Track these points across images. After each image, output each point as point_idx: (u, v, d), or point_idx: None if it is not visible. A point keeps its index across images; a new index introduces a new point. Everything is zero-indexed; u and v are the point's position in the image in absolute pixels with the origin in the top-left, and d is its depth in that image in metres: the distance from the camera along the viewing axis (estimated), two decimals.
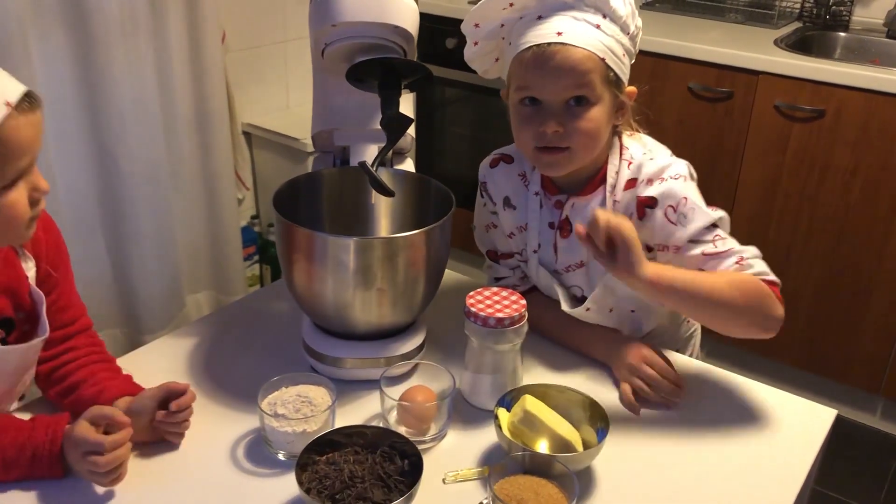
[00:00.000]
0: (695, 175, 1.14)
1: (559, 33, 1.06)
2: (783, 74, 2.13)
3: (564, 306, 1.18)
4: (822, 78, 2.08)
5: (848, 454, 2.20)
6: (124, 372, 1.08)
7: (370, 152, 1.24)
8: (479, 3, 1.12)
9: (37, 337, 0.99)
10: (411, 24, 1.12)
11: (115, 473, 0.91)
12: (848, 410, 2.33)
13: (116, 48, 1.98)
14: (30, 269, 1.01)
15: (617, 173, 1.15)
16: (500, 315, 1.03)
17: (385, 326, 1.12)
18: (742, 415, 1.11)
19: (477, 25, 1.15)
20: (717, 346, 2.47)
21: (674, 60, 2.27)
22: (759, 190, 2.26)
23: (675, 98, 2.30)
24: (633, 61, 1.13)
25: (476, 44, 1.18)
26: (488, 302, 1.06)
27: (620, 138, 1.17)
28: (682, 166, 1.12)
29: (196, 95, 2.25)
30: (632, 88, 1.13)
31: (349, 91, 1.17)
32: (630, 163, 1.14)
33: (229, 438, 1.02)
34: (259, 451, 1.00)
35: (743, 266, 1.07)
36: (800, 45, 2.36)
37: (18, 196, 0.89)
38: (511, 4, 1.10)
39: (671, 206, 1.09)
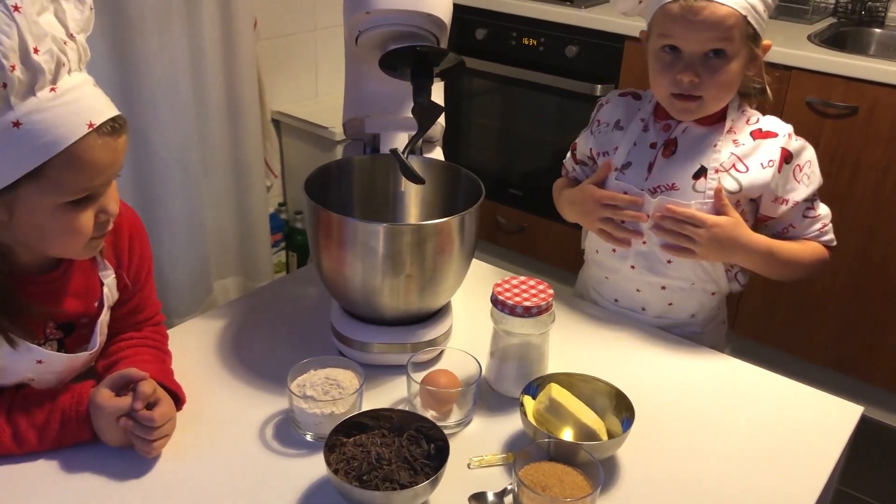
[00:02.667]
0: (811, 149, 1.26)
1: None
2: (816, 70, 2.11)
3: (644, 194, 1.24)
4: (856, 74, 2.05)
5: (873, 454, 2.19)
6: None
7: (401, 140, 1.25)
8: None
9: (87, 348, 1.00)
10: (445, 12, 1.13)
11: (161, 444, 0.95)
12: (874, 410, 2.31)
13: (151, 35, 2.01)
14: (107, 276, 1.02)
15: (733, 120, 1.23)
16: (527, 304, 1.04)
17: (412, 312, 1.13)
18: (767, 409, 1.11)
19: None
20: (743, 344, 2.45)
21: None
22: None
23: None
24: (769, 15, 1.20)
25: None
26: (516, 290, 1.06)
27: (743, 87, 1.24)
28: (807, 147, 1.25)
29: (227, 83, 2.27)
30: (767, 42, 1.20)
31: (381, 79, 1.18)
32: (752, 116, 1.25)
33: (258, 419, 1.04)
34: (287, 431, 1.02)
35: (822, 232, 1.27)
36: (834, 40, 2.33)
37: (84, 214, 0.89)
38: None
39: (799, 166, 1.22)
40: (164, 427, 0.95)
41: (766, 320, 2.36)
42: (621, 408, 1.00)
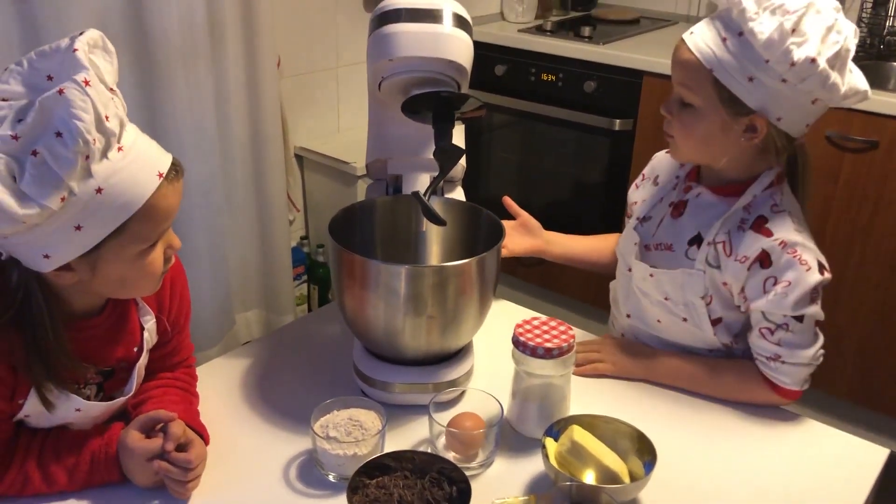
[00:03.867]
0: (826, 272, 1.15)
1: (691, 32, 1.14)
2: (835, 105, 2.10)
3: (635, 253, 1.26)
4: (876, 109, 2.05)
5: None
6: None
7: (422, 181, 1.27)
8: None
9: (123, 393, 1.02)
10: (465, 58, 1.15)
11: (194, 485, 0.97)
12: None
13: (177, 74, 2.06)
14: (147, 321, 1.04)
15: (755, 197, 1.17)
16: (548, 345, 1.04)
17: (434, 352, 1.15)
18: (792, 451, 1.10)
19: None
20: None
21: None
22: (810, 220, 2.22)
23: None
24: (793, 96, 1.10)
25: None
26: (537, 332, 1.07)
27: (780, 180, 1.19)
28: (814, 256, 1.14)
29: (251, 119, 2.31)
30: (762, 119, 1.11)
31: (403, 122, 1.21)
32: (776, 205, 1.17)
33: (282, 459, 1.05)
34: (311, 472, 1.03)
35: (770, 365, 1.16)
36: None
37: (157, 255, 0.94)
38: None
39: (775, 278, 1.13)
40: (197, 468, 0.97)
41: None
42: (643, 450, 1.00)
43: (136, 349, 1.03)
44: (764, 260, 1.13)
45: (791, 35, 1.04)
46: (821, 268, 1.14)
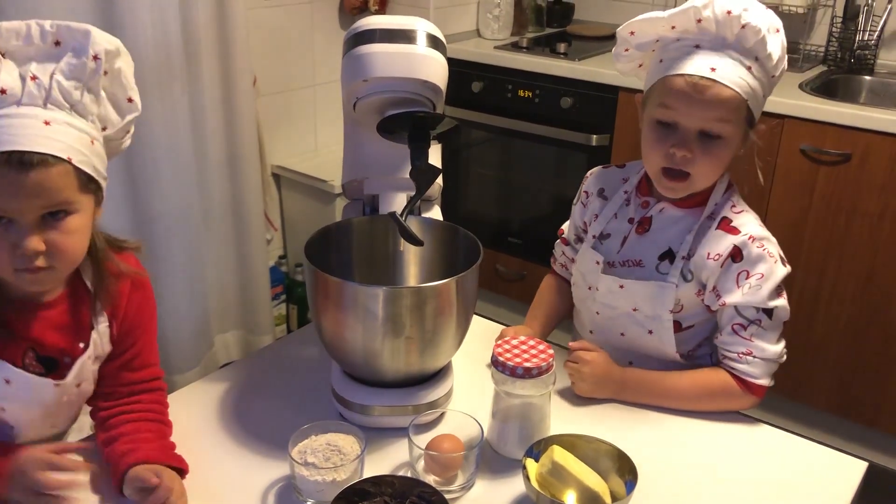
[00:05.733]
0: (783, 256, 1.20)
1: (713, 69, 1.12)
2: (808, 118, 2.13)
3: (599, 270, 1.25)
4: (848, 122, 2.08)
5: (880, 502, 2.16)
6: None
7: (399, 201, 1.26)
8: (642, 15, 1.18)
9: (63, 382, 1.01)
10: (440, 78, 1.15)
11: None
12: (879, 456, 2.29)
13: (151, 93, 2.04)
14: (100, 322, 1.03)
15: (717, 205, 1.21)
16: (527, 364, 1.04)
17: (413, 374, 1.14)
18: (771, 466, 1.10)
19: (632, 33, 1.20)
20: None
21: None
22: (786, 233, 2.25)
23: None
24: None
25: (627, 50, 1.23)
26: (516, 351, 1.07)
27: (731, 184, 1.24)
28: (775, 248, 1.19)
29: (228, 138, 2.30)
30: (763, 126, 1.20)
31: (379, 142, 1.20)
32: (735, 206, 1.21)
33: (260, 485, 1.03)
34: (289, 498, 1.01)
35: (742, 359, 1.18)
36: (825, 88, 2.37)
37: None
38: (673, 27, 1.15)
39: (748, 272, 1.17)
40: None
41: None
42: (625, 469, 0.99)
43: (81, 345, 1.02)
44: (736, 255, 1.17)
45: (784, 47, 1.15)
46: (783, 260, 1.19)
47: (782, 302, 1.18)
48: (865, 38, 2.47)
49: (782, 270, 1.18)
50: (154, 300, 1.11)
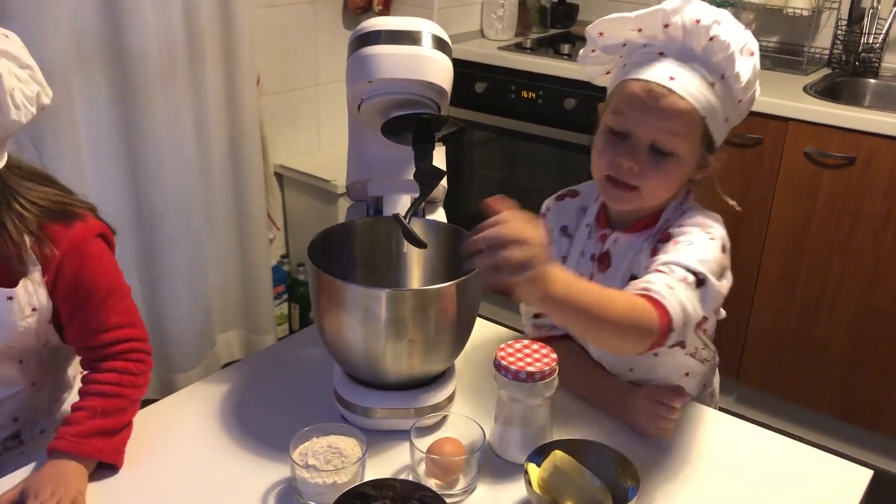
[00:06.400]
0: (727, 251, 1.11)
1: (672, 77, 1.06)
2: (813, 121, 2.13)
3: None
4: (852, 125, 2.07)
5: None
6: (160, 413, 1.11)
7: (403, 202, 1.26)
8: (610, 15, 1.12)
9: None
10: (445, 80, 1.15)
11: None
12: (882, 460, 2.28)
13: (155, 92, 2.04)
14: (32, 271, 1.07)
15: (667, 220, 1.15)
16: (530, 369, 1.04)
17: (416, 377, 1.13)
18: (776, 473, 1.10)
19: (601, 34, 1.14)
20: (748, 394, 2.44)
21: None
22: (790, 237, 2.25)
23: None
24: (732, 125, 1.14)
25: (594, 51, 1.17)
26: (519, 355, 1.06)
27: (689, 195, 1.17)
28: (720, 231, 1.11)
29: (231, 138, 2.30)
30: (723, 154, 1.13)
31: (383, 143, 1.20)
32: (684, 213, 1.15)
33: (261, 487, 1.03)
34: (290, 500, 1.01)
35: (663, 272, 1.01)
36: (829, 91, 2.36)
37: None
38: (640, 30, 1.10)
39: (676, 239, 1.08)
40: None
41: (772, 370, 2.35)
42: (627, 475, 0.99)
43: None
44: (665, 239, 1.10)
45: (758, 75, 1.08)
46: (724, 248, 1.09)
47: (717, 283, 1.04)
48: (870, 41, 2.46)
49: (717, 250, 1.07)
50: (102, 263, 1.12)
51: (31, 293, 1.08)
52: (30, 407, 1.19)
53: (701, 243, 1.07)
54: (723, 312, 1.20)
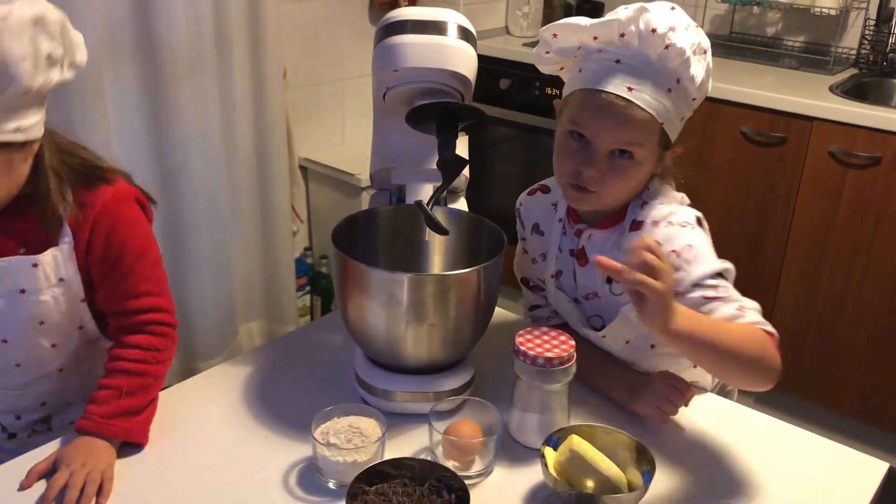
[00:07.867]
0: (705, 224, 1.14)
1: (630, 88, 1.07)
2: (838, 121, 2.12)
3: (579, 327, 1.22)
4: (878, 125, 2.06)
5: None
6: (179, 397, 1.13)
7: (426, 191, 1.28)
8: (566, 19, 1.13)
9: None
10: (470, 70, 1.16)
11: None
12: None
13: (184, 84, 2.08)
14: (64, 242, 1.09)
15: (633, 213, 1.17)
16: (548, 354, 1.05)
17: (435, 361, 1.15)
18: (790, 464, 1.10)
19: (555, 36, 1.15)
20: (767, 393, 2.43)
21: (727, 104, 2.28)
22: (813, 236, 2.24)
23: (727, 142, 2.30)
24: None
25: (547, 53, 1.18)
26: (538, 341, 1.07)
27: (649, 182, 1.18)
28: (688, 213, 1.13)
29: (257, 130, 2.33)
30: (678, 149, 1.16)
31: (407, 132, 1.22)
32: (645, 203, 1.16)
33: (282, 465, 1.05)
34: (310, 478, 1.03)
35: (743, 314, 1.04)
36: (855, 91, 2.35)
37: None
38: (595, 38, 1.11)
39: (674, 252, 1.08)
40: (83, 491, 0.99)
41: (792, 370, 2.32)
42: (642, 460, 1.00)
43: (21, 250, 1.07)
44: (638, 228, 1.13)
45: (709, 70, 1.11)
46: (700, 222, 1.13)
47: (726, 263, 1.09)
48: None
49: (700, 234, 1.11)
50: (134, 226, 1.14)
51: (60, 264, 1.09)
52: (58, 392, 1.20)
53: (693, 241, 1.09)
54: None
